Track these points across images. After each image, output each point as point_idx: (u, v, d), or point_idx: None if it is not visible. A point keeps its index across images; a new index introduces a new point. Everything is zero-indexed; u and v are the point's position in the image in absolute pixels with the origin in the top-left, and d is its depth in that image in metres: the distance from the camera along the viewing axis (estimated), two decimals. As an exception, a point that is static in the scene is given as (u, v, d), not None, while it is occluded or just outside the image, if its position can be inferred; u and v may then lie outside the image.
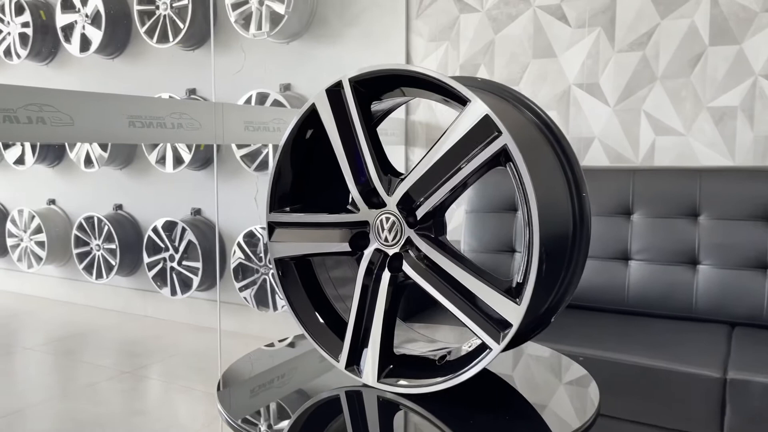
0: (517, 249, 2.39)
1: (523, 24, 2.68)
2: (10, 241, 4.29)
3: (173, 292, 3.60)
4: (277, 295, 3.25)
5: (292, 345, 1.37)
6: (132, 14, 3.62)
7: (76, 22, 3.76)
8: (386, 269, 1.01)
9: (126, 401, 2.62)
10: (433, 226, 0.98)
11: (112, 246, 3.80)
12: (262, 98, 3.21)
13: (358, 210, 1.03)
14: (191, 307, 3.72)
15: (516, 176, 0.88)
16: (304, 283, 1.13)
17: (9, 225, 4.28)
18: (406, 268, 0.99)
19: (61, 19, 3.79)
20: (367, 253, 1.03)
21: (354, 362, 1.06)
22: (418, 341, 1.14)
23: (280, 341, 1.39)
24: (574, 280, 1.04)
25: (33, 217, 4.13)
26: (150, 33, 3.49)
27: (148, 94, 3.66)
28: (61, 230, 4.17)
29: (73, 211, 4.18)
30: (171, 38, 3.41)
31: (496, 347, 0.90)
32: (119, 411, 2.51)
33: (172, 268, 3.59)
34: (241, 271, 3.35)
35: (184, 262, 3.55)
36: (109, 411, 2.51)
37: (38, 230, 4.12)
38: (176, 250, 3.56)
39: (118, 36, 3.72)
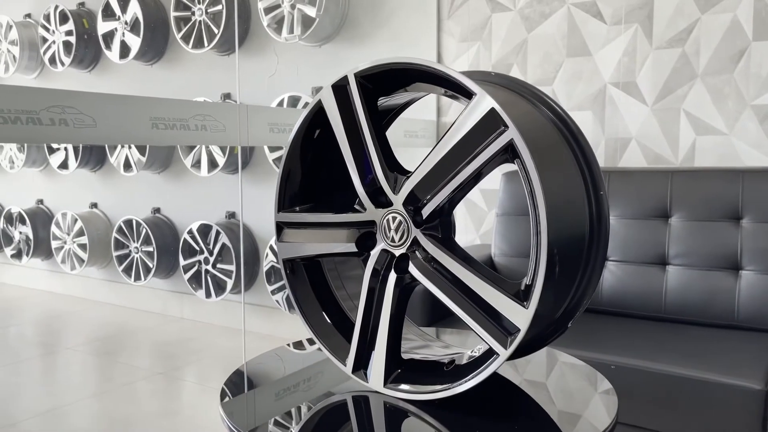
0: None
1: (556, 22, 2.61)
2: (54, 244, 4.41)
3: (208, 295, 3.64)
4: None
5: (302, 347, 1.35)
6: (169, 21, 3.69)
7: (116, 29, 3.85)
8: (392, 270, 0.97)
9: (159, 401, 2.64)
10: (440, 226, 0.94)
11: (150, 249, 3.87)
12: (294, 101, 3.22)
13: (365, 209, 1.00)
14: (225, 309, 3.76)
15: (524, 173, 0.84)
16: (313, 284, 1.10)
17: (53, 228, 4.40)
18: (413, 269, 0.95)
19: (103, 27, 3.89)
20: (374, 253, 1.00)
21: (362, 366, 1.02)
22: (427, 346, 1.10)
23: (287, 346, 1.37)
24: (592, 282, 0.98)
25: (76, 220, 4.24)
26: (186, 39, 3.54)
27: (185, 99, 3.72)
28: (102, 233, 4.26)
29: (113, 214, 4.28)
30: (206, 43, 3.46)
31: (503, 353, 0.86)
32: (152, 411, 2.53)
33: (206, 271, 3.63)
34: (273, 275, 3.36)
35: (218, 265, 3.58)
36: (143, 411, 2.54)
37: (80, 233, 4.22)
38: (211, 253, 3.60)
39: (156, 42, 3.79)
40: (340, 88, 1.00)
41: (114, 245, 4.06)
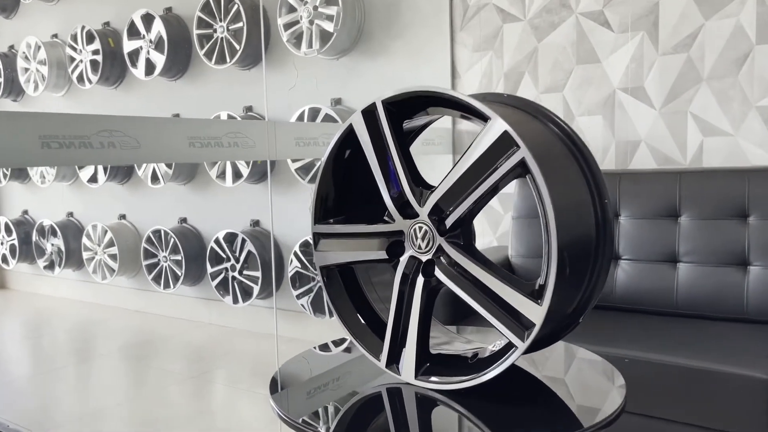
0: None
1: (565, 31, 2.72)
2: (85, 255, 4.59)
3: (235, 301, 3.78)
4: (332, 302, 3.37)
5: (338, 346, 1.47)
6: (192, 38, 3.84)
7: (141, 47, 4.01)
8: (420, 275, 1.09)
9: (193, 403, 2.78)
10: (462, 234, 1.05)
11: (178, 257, 4.02)
12: (314, 113, 3.35)
13: (394, 220, 1.12)
14: (252, 314, 3.90)
15: (534, 186, 0.95)
16: (347, 288, 1.22)
17: (84, 239, 4.58)
18: (438, 273, 1.07)
19: (128, 46, 4.05)
20: (403, 260, 1.11)
21: (394, 361, 1.14)
22: (453, 341, 1.22)
23: (319, 347, 1.49)
24: (600, 280, 1.09)
25: (106, 231, 4.41)
26: (208, 55, 3.69)
27: (208, 113, 3.87)
28: (131, 243, 4.43)
29: (141, 225, 4.44)
30: (228, 59, 3.60)
31: (521, 345, 0.97)
32: (187, 412, 2.67)
33: (233, 278, 3.77)
34: (298, 280, 3.49)
35: (244, 272, 3.72)
36: (178, 412, 2.68)
37: (110, 244, 4.39)
38: (237, 261, 3.74)
39: (179, 59, 3.94)
40: (368, 113, 1.12)
41: (143, 255, 4.21)
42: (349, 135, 1.17)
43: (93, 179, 4.45)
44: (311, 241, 1.15)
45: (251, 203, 3.85)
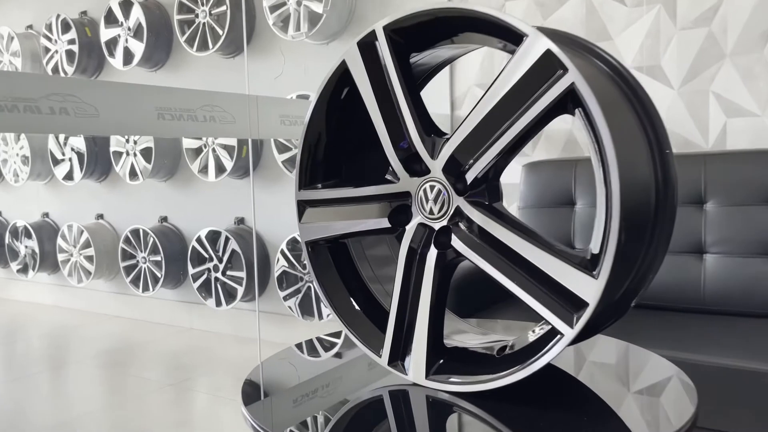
0: (577, 247, 2.21)
1: (573, 6, 2.51)
2: (60, 257, 4.32)
3: (218, 303, 3.53)
4: (322, 304, 3.13)
5: (325, 343, 1.24)
6: (172, 25, 3.61)
7: (119, 36, 3.77)
8: (432, 246, 0.86)
9: (171, 413, 2.53)
10: (487, 192, 0.83)
11: (158, 258, 3.77)
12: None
13: (398, 180, 0.89)
14: (236, 318, 3.64)
15: (588, 124, 0.73)
16: (340, 269, 0.99)
17: (59, 241, 4.31)
18: (456, 242, 0.84)
19: (105, 34, 3.81)
20: (410, 228, 0.89)
21: (398, 357, 0.91)
22: (468, 333, 0.99)
23: (305, 343, 1.26)
24: (659, 254, 0.87)
25: (82, 232, 4.15)
26: (190, 42, 3.46)
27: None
28: (109, 244, 4.17)
29: (120, 225, 4.18)
30: (211, 46, 3.37)
31: (568, 332, 0.74)
32: (165, 422, 2.42)
33: (216, 279, 3.52)
34: (285, 280, 3.25)
35: (228, 272, 3.48)
36: (155, 423, 2.42)
37: (87, 245, 4.13)
38: (220, 260, 3.50)
39: (159, 47, 3.71)
40: (367, 45, 0.89)
41: (121, 256, 3.96)
42: (342, 78, 0.94)
43: (69, 177, 4.19)
44: (299, 238, 0.92)
45: (236, 199, 3.60)
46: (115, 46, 3.81)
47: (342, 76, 0.94)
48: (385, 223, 0.90)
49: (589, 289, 0.72)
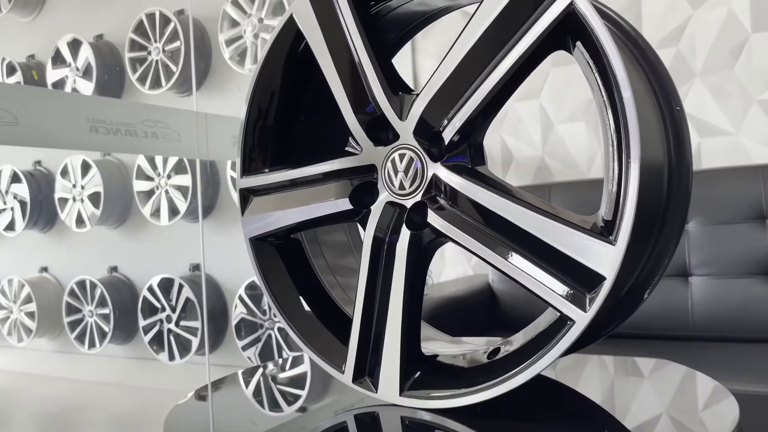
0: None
1: (538, 32, 2.45)
2: (-1, 314, 4.00)
3: (171, 357, 3.26)
4: (284, 351, 2.90)
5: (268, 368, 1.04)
6: (124, 62, 3.46)
7: (67, 76, 3.60)
8: (404, 226, 0.70)
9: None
10: (469, 152, 0.67)
11: (106, 311, 3.49)
12: (260, 136, 2.98)
13: (361, 150, 0.73)
14: (192, 373, 3.36)
15: (592, 61, 0.59)
16: (291, 270, 0.82)
17: (-1, 297, 4.00)
18: (434, 219, 0.68)
19: (53, 75, 3.64)
20: (376, 208, 0.72)
21: (364, 373, 0.73)
22: (442, 341, 0.81)
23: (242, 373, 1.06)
24: (673, 236, 0.72)
25: (23, 286, 3.85)
26: (142, 80, 3.30)
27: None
28: (53, 299, 3.86)
29: (66, 277, 3.89)
30: (164, 83, 3.22)
31: (581, 317, 0.58)
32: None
33: (169, 330, 3.26)
34: (244, 328, 3.02)
35: (181, 323, 3.22)
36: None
37: (28, 300, 3.82)
38: (173, 310, 3.25)
39: (110, 87, 3.54)
40: (318, -4, 0.75)
41: (66, 310, 3.66)
42: (294, 42, 0.79)
43: (10, 227, 3.91)
44: (258, 281, 0.75)
45: (190, 244, 3.38)
46: (62, 87, 3.63)
47: (290, 39, 0.79)
48: (346, 204, 0.74)
49: (605, 259, 0.57)
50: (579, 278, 0.59)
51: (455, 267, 2.64)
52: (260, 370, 1.02)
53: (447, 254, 2.66)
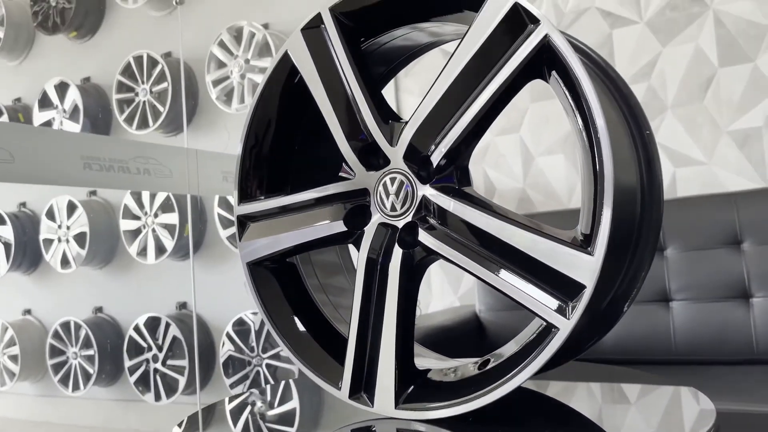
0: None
1: (516, 69, 2.55)
2: (-20, 359, 3.93)
3: (157, 398, 3.22)
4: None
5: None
6: (111, 104, 3.51)
7: (53, 118, 3.64)
8: (396, 245, 0.74)
9: None
10: (456, 174, 0.72)
11: (90, 352, 3.46)
12: (247, 174, 3.02)
13: (354, 175, 0.78)
14: (179, 414, 3.32)
15: (566, 88, 0.65)
16: (287, 291, 0.85)
17: (-20, 340, 3.94)
18: (425, 237, 0.72)
19: (39, 117, 3.67)
20: (369, 229, 0.76)
21: (360, 388, 0.76)
22: (431, 358, 0.85)
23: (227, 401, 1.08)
24: (648, 249, 0.77)
25: (6, 329, 3.80)
26: (129, 121, 3.35)
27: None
28: (36, 342, 3.82)
29: (50, 319, 3.86)
30: (151, 123, 3.27)
31: (564, 324, 0.62)
32: None
33: (155, 370, 3.23)
34: (232, 366, 3.01)
35: (168, 362, 3.20)
36: None
37: (11, 343, 3.77)
38: (160, 349, 3.23)
39: (97, 128, 3.58)
40: (312, 33, 0.80)
41: (49, 352, 3.62)
42: (289, 75, 0.84)
43: (-7, 270, 3.89)
44: (246, 318, 0.78)
45: (177, 283, 3.38)
46: (49, 130, 3.67)
47: (285, 73, 0.84)
48: (340, 227, 0.78)
49: (585, 269, 0.61)
50: (562, 288, 0.63)
51: (442, 299, 2.68)
52: (247, 397, 1.05)
53: (434, 286, 2.70)
